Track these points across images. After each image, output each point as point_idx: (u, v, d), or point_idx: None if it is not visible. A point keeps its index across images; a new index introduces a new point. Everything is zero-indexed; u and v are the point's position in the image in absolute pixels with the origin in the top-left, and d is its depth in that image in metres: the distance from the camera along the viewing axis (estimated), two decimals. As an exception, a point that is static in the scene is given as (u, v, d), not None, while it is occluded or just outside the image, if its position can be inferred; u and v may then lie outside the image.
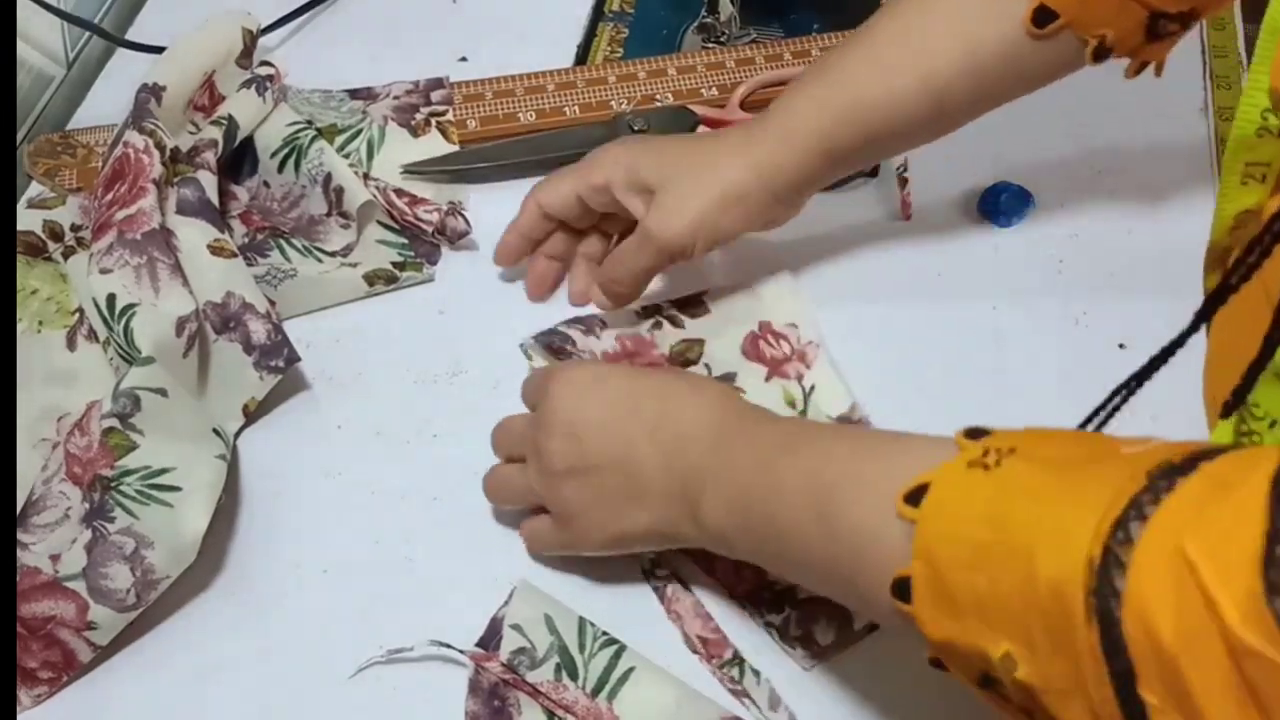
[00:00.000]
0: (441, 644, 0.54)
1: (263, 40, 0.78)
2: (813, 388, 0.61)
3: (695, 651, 0.54)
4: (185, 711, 0.55)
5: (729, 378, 0.62)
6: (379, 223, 0.70)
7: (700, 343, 0.63)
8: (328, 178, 0.69)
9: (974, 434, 0.40)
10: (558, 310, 0.66)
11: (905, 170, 0.67)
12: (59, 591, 0.54)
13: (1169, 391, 0.60)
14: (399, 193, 0.70)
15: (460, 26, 0.83)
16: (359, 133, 0.74)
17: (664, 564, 0.57)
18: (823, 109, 0.58)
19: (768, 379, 0.62)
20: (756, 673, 0.53)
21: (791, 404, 0.61)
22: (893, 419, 0.60)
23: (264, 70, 0.75)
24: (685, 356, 0.62)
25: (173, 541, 0.55)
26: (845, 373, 0.62)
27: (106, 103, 0.81)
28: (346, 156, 0.72)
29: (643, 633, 0.54)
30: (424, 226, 0.69)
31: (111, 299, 0.60)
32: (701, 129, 0.73)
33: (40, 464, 0.61)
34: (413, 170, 0.73)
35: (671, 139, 0.66)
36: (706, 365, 0.62)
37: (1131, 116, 0.71)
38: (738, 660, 0.54)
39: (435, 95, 0.77)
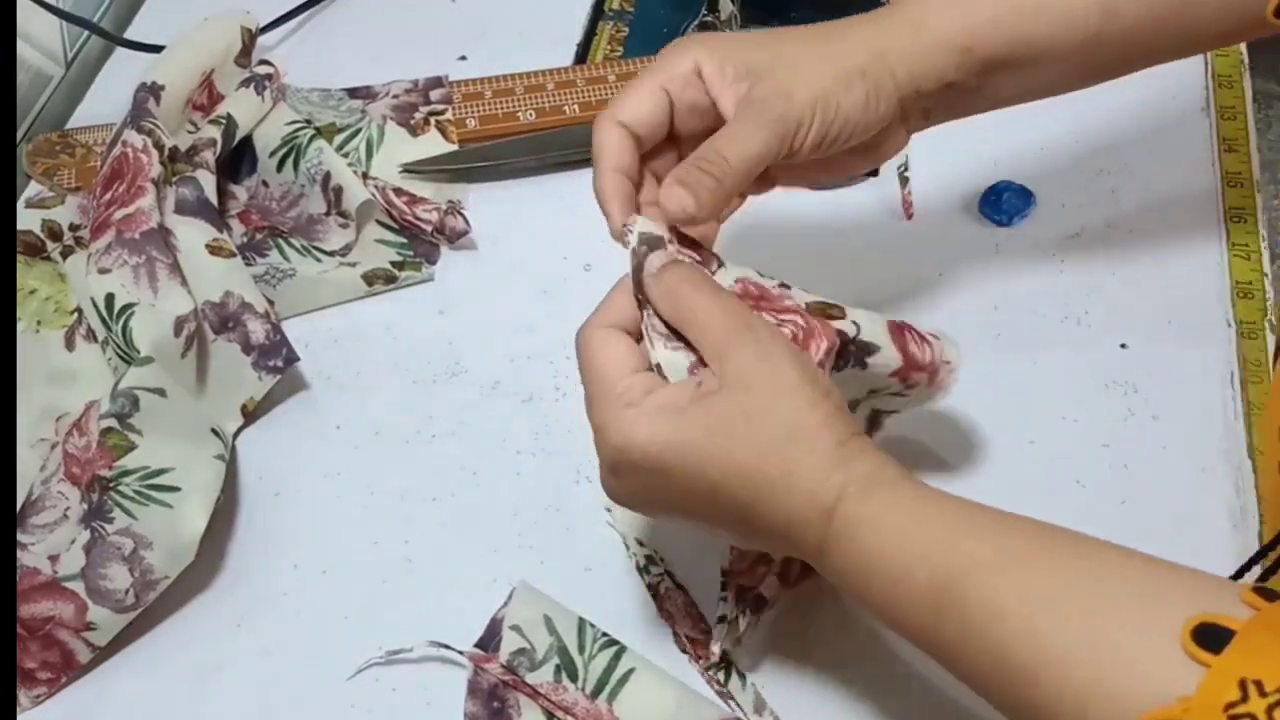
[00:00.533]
0: (441, 645, 0.54)
1: (261, 39, 0.78)
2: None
3: (685, 651, 0.54)
4: (184, 712, 0.55)
5: (869, 349, 0.51)
6: (378, 222, 0.70)
7: (839, 307, 0.51)
8: (326, 177, 0.69)
9: (1207, 639, 0.34)
10: (561, 308, 0.65)
11: (906, 170, 0.67)
12: (58, 592, 0.54)
13: (1169, 391, 0.60)
14: (398, 192, 0.70)
15: (460, 25, 0.83)
16: (358, 132, 0.73)
17: (658, 562, 0.56)
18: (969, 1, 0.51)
19: (893, 374, 0.52)
20: (743, 675, 0.53)
21: None
22: (892, 420, 0.60)
23: (263, 69, 0.75)
24: (828, 312, 0.51)
25: (171, 542, 0.55)
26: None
27: (105, 102, 0.81)
28: (345, 156, 0.72)
29: (642, 633, 0.54)
30: (423, 226, 0.69)
31: (110, 299, 0.60)
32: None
33: (39, 464, 0.61)
34: (412, 169, 0.73)
35: (757, 31, 0.56)
36: (854, 323, 0.51)
37: (1133, 116, 0.71)
38: (724, 663, 0.53)
39: (434, 94, 0.76)
